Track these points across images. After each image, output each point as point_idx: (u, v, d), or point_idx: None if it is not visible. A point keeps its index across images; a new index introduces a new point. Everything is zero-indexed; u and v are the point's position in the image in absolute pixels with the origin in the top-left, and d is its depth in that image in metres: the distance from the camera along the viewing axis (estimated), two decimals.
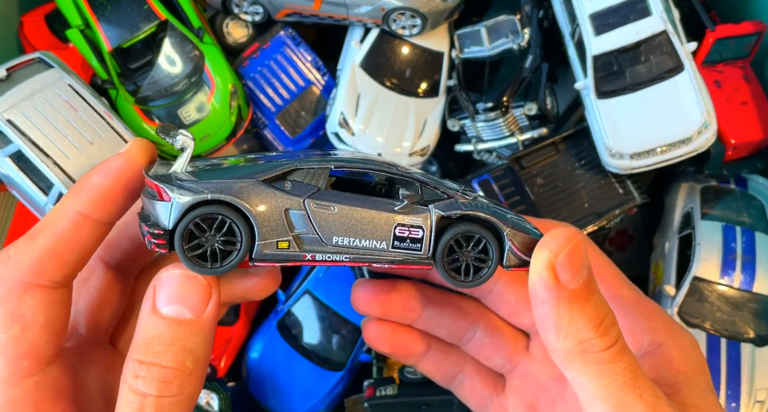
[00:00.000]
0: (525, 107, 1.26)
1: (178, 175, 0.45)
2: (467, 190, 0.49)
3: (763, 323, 1.14)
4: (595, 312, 0.41)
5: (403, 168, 0.47)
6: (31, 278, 0.45)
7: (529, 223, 0.47)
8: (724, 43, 1.23)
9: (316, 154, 0.48)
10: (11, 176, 1.11)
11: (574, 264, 0.41)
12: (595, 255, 0.52)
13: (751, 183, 1.30)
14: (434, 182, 0.46)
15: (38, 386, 0.43)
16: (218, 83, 1.27)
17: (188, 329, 0.42)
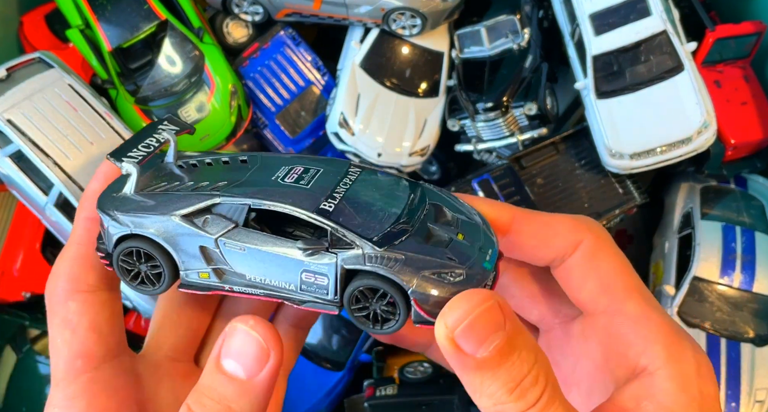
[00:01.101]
0: (525, 107, 1.26)
1: (119, 204, 0.48)
2: (398, 227, 0.45)
3: (763, 323, 1.14)
4: (509, 376, 0.38)
5: (326, 207, 0.44)
6: (69, 286, 0.48)
7: (455, 273, 0.44)
8: (724, 43, 1.23)
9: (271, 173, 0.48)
10: (11, 176, 1.12)
11: (478, 335, 0.38)
12: (606, 260, 0.46)
13: (751, 183, 1.30)
14: (343, 231, 0.43)
15: (91, 383, 0.47)
16: (218, 83, 1.27)
17: (238, 389, 0.41)
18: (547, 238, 0.48)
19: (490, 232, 0.47)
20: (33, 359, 1.22)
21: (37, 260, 1.25)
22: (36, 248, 1.25)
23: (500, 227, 0.49)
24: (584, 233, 0.47)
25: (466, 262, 0.44)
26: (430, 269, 0.43)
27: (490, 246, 0.46)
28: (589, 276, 0.46)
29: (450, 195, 0.50)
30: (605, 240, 0.47)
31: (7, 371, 1.23)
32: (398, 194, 0.48)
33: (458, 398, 1.19)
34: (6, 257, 1.23)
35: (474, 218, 0.48)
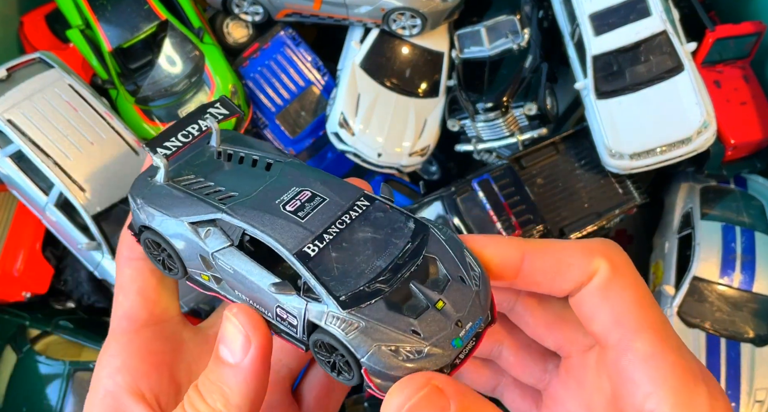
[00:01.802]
0: (525, 107, 1.26)
1: (147, 192, 0.50)
2: (374, 286, 0.43)
3: (763, 323, 1.14)
4: None
5: (307, 252, 0.43)
6: (127, 253, 0.53)
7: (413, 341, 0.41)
8: (724, 43, 1.23)
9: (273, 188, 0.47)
10: (11, 176, 1.12)
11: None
12: (620, 292, 0.43)
13: (750, 183, 1.30)
14: (314, 282, 0.42)
15: (129, 343, 0.51)
16: (218, 83, 1.27)
17: (229, 373, 0.44)
18: (561, 272, 0.45)
19: (483, 297, 0.44)
20: (33, 359, 1.22)
21: (38, 260, 1.25)
22: (36, 248, 1.25)
23: (510, 266, 0.46)
24: (599, 262, 0.44)
25: (432, 338, 0.41)
26: (388, 343, 0.41)
27: (473, 319, 0.43)
28: (602, 308, 0.43)
29: (456, 242, 0.46)
30: (622, 269, 0.44)
31: (7, 371, 1.23)
32: (394, 241, 0.44)
33: None
34: (6, 257, 1.23)
35: (471, 278, 0.44)
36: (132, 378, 0.49)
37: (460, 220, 1.19)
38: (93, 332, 1.23)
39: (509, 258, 0.46)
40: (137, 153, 1.17)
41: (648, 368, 0.41)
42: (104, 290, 1.26)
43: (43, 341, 1.25)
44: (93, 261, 1.17)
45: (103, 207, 1.11)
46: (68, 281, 1.29)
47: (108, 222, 1.13)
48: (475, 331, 0.43)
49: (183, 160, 0.52)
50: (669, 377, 0.40)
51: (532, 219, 1.17)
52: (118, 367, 0.50)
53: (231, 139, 0.53)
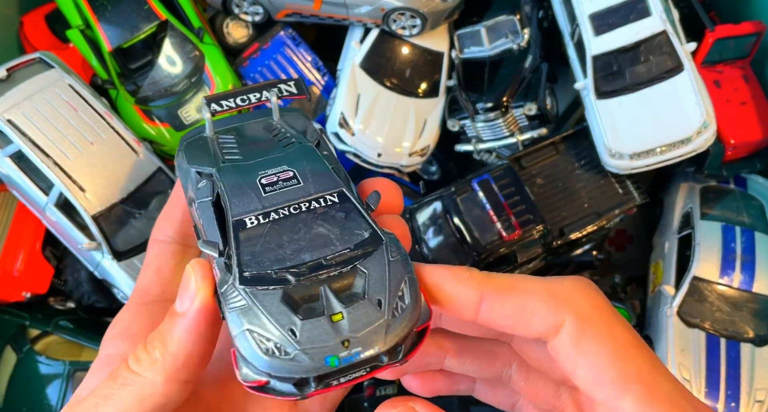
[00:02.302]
0: (525, 107, 1.26)
1: (191, 141, 0.51)
2: (281, 274, 0.41)
3: (763, 323, 1.14)
4: None
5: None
6: (154, 235, 0.54)
7: None
8: (724, 44, 1.23)
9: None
10: (11, 176, 1.12)
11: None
12: (594, 345, 0.39)
13: (750, 183, 1.30)
14: (232, 251, 0.42)
15: (136, 312, 0.51)
16: (218, 83, 1.27)
17: (171, 321, 0.43)
18: (523, 320, 0.41)
19: (393, 331, 0.39)
20: (33, 359, 1.22)
21: (38, 260, 1.25)
22: (36, 248, 1.25)
23: (467, 307, 0.42)
24: (565, 312, 0.40)
25: (306, 344, 0.38)
26: (260, 331, 0.38)
27: (366, 347, 0.38)
28: (578, 364, 0.39)
29: (401, 268, 0.41)
30: (592, 318, 0.40)
31: (7, 371, 1.23)
32: (335, 243, 0.42)
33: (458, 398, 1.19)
34: (6, 257, 1.23)
35: (391, 307, 0.40)
36: (130, 345, 0.48)
37: (460, 220, 1.19)
38: (93, 332, 1.23)
39: (466, 298, 0.42)
40: (137, 153, 1.17)
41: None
42: (104, 290, 1.27)
43: (43, 341, 1.25)
44: (93, 261, 1.17)
45: (103, 207, 1.11)
46: (68, 281, 1.29)
47: (108, 222, 1.13)
48: (363, 359, 0.39)
49: (240, 123, 0.52)
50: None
51: (532, 219, 1.17)
52: (119, 332, 0.50)
53: (292, 117, 0.52)
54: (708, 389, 1.09)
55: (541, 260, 1.24)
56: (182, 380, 0.42)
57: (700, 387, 1.09)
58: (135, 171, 1.16)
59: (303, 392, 0.38)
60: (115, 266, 1.15)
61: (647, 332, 1.23)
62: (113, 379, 0.43)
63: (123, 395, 0.42)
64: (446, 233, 1.20)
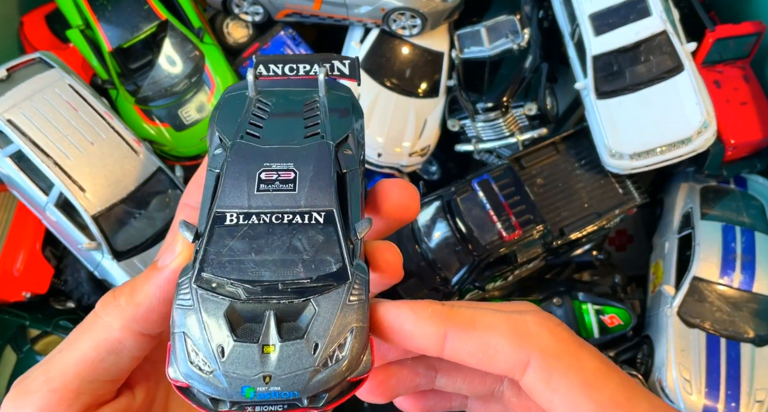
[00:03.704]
0: (525, 107, 1.26)
1: (231, 95, 0.49)
2: (236, 287, 0.40)
3: (763, 323, 1.14)
4: None
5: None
6: (183, 199, 0.50)
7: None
8: (724, 44, 1.23)
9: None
10: (11, 176, 1.12)
11: None
12: (565, 380, 0.39)
13: (750, 183, 1.30)
14: (201, 245, 0.41)
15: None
16: (218, 83, 1.27)
17: (147, 274, 0.43)
18: (488, 357, 0.40)
19: (317, 381, 0.38)
20: (33, 359, 1.22)
21: (38, 260, 1.25)
22: (36, 248, 1.25)
23: (432, 344, 0.41)
24: (529, 350, 0.40)
25: (228, 366, 0.37)
26: (193, 339, 0.38)
27: (286, 388, 0.37)
28: (552, 401, 0.39)
29: (353, 315, 0.39)
30: (558, 353, 0.40)
31: (7, 371, 1.23)
32: (299, 268, 0.40)
33: None
34: (6, 257, 1.23)
35: (326, 356, 0.38)
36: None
37: (460, 220, 1.19)
38: None
39: (430, 336, 0.41)
40: (137, 153, 1.17)
41: None
42: (104, 290, 1.26)
43: (43, 341, 1.25)
44: (93, 261, 1.17)
45: (103, 207, 1.11)
46: (68, 281, 1.29)
47: (108, 222, 1.13)
48: (279, 400, 0.38)
49: (285, 88, 0.49)
50: None
51: (532, 219, 1.17)
52: None
53: (338, 95, 0.49)
54: (708, 389, 1.09)
55: (541, 259, 1.24)
56: (138, 330, 0.42)
57: (700, 387, 1.09)
58: (135, 171, 1.16)
59: (217, 408, 0.38)
60: (115, 266, 1.15)
61: (647, 331, 1.23)
62: (80, 325, 0.43)
63: (82, 339, 0.42)
64: (446, 232, 1.20)
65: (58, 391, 0.41)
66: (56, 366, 0.43)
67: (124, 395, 0.45)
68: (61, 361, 0.43)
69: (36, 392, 0.41)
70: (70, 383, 0.42)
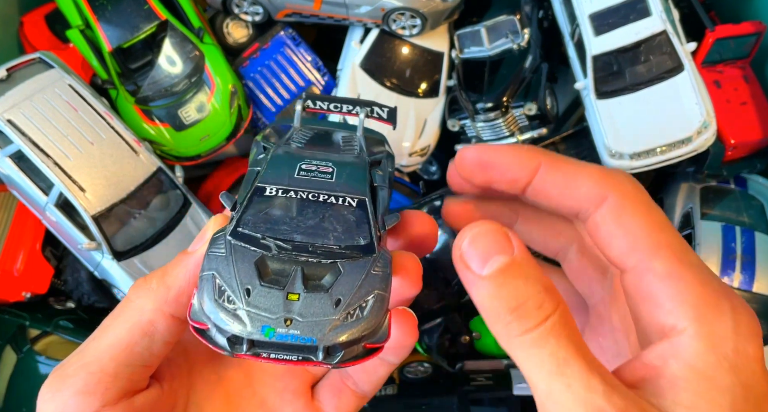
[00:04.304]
0: (525, 107, 1.26)
1: (280, 120, 0.55)
2: (269, 241, 0.42)
3: (763, 323, 1.14)
4: (512, 295, 0.39)
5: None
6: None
7: None
8: (724, 44, 1.23)
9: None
10: (11, 176, 1.12)
11: (482, 252, 0.41)
12: (633, 216, 0.43)
13: (750, 183, 1.30)
14: (238, 209, 0.44)
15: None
16: (218, 83, 1.27)
17: (178, 258, 0.45)
18: (571, 189, 0.45)
19: (334, 332, 0.39)
20: (33, 359, 1.22)
21: (38, 260, 1.25)
22: (36, 248, 1.25)
23: (524, 174, 0.46)
24: (610, 188, 0.44)
25: (253, 307, 0.39)
26: (222, 280, 0.40)
27: (304, 333, 0.39)
28: (616, 233, 0.43)
29: (378, 283, 0.41)
30: (634, 195, 0.44)
31: (7, 371, 1.23)
32: (329, 237, 0.43)
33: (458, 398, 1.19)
34: (6, 257, 1.23)
35: (347, 312, 0.40)
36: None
37: None
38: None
39: (525, 167, 0.46)
40: (137, 153, 1.17)
41: (667, 286, 0.41)
42: (104, 290, 1.26)
43: (43, 341, 1.25)
44: (93, 261, 1.17)
45: (103, 207, 1.11)
46: (68, 281, 1.29)
47: (108, 222, 1.13)
48: (297, 344, 0.39)
49: (326, 127, 0.54)
50: (689, 293, 0.40)
51: None
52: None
53: (374, 139, 0.53)
54: None
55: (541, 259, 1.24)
56: (170, 313, 0.44)
57: None
58: (135, 171, 1.16)
59: (233, 350, 0.39)
60: (115, 266, 1.15)
61: None
62: (112, 312, 0.45)
63: (116, 324, 0.44)
64: (447, 232, 1.20)
65: (96, 374, 0.42)
66: (92, 351, 0.44)
67: (154, 386, 0.46)
68: (96, 346, 0.44)
69: (73, 376, 0.42)
70: (106, 367, 0.43)
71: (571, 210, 0.46)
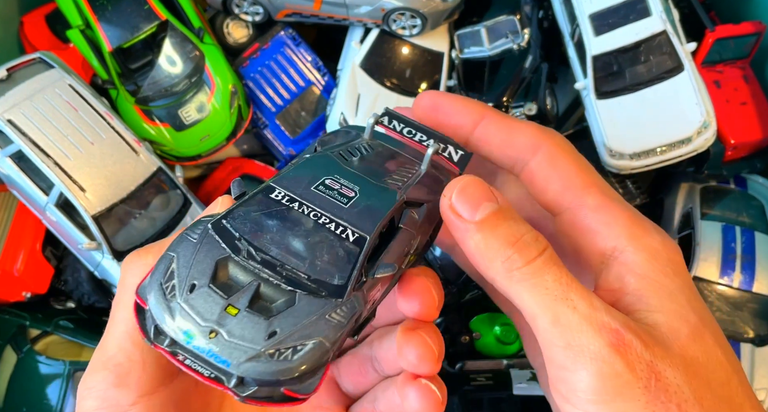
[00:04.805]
0: (525, 107, 1.26)
1: (345, 127, 0.52)
2: (243, 250, 0.40)
3: (763, 323, 1.14)
4: (508, 232, 0.42)
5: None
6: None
7: None
8: (724, 44, 1.23)
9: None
10: (12, 176, 1.12)
11: (472, 198, 0.43)
12: (565, 161, 0.48)
13: (750, 183, 1.30)
14: (238, 203, 0.42)
15: None
16: (218, 83, 1.27)
17: (178, 234, 0.46)
18: (511, 138, 0.49)
19: (252, 364, 0.36)
20: (33, 359, 1.22)
21: (38, 260, 1.25)
22: (36, 248, 1.25)
23: (470, 122, 0.51)
24: (544, 138, 0.49)
25: (186, 306, 0.37)
26: (179, 264, 0.38)
27: (222, 353, 0.35)
28: (551, 177, 0.48)
29: (330, 337, 0.37)
30: (564, 145, 0.49)
31: (7, 371, 1.23)
32: (305, 266, 0.39)
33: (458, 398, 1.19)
34: (6, 257, 1.23)
35: (278, 352, 0.36)
36: None
37: None
38: (93, 332, 1.23)
39: (471, 114, 0.50)
40: (137, 153, 1.17)
41: (601, 216, 0.46)
42: (104, 290, 1.26)
43: (43, 341, 1.24)
44: (93, 261, 1.17)
45: (103, 207, 1.11)
46: (68, 281, 1.29)
47: (108, 222, 1.13)
48: (210, 362, 0.36)
49: (396, 148, 0.50)
50: (619, 219, 0.45)
51: None
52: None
53: (438, 176, 0.50)
54: None
55: None
56: None
57: None
58: (135, 171, 1.16)
59: (155, 340, 0.37)
60: (115, 266, 1.15)
61: None
62: (115, 298, 0.46)
63: (120, 309, 0.44)
64: None
65: (124, 364, 0.42)
66: (111, 343, 0.44)
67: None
68: (113, 337, 0.44)
69: (103, 370, 0.42)
70: (132, 354, 0.43)
71: (510, 159, 0.50)
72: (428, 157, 0.47)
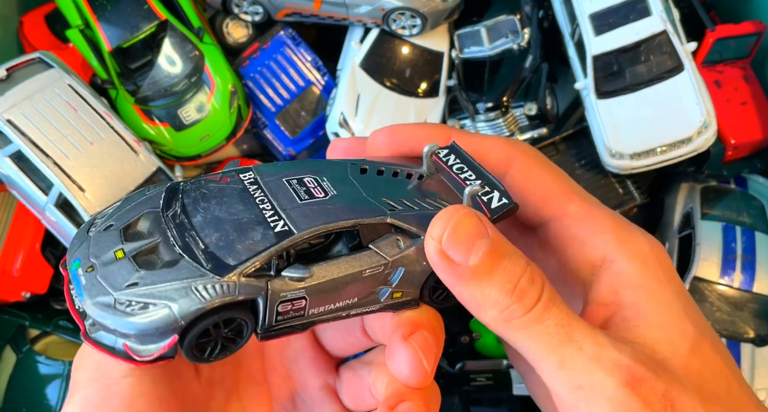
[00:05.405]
0: (525, 107, 1.26)
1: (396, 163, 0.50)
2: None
3: (763, 323, 1.14)
4: (504, 279, 0.39)
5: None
6: None
7: None
8: (724, 43, 1.23)
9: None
10: (11, 176, 1.12)
11: (464, 241, 0.39)
12: (540, 172, 0.47)
13: (751, 183, 1.30)
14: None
15: None
16: (218, 83, 1.27)
17: None
18: (482, 155, 0.48)
19: (97, 308, 0.36)
20: (33, 359, 1.22)
21: (37, 260, 1.25)
22: (36, 248, 1.25)
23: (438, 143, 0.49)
24: (515, 150, 0.48)
25: (95, 238, 0.39)
26: (112, 207, 0.42)
27: (79, 291, 0.37)
28: (528, 189, 0.47)
29: (194, 303, 0.37)
30: (535, 155, 0.48)
31: (7, 371, 1.23)
32: (215, 240, 0.39)
33: (458, 398, 1.19)
34: (6, 257, 1.23)
35: (129, 306, 0.36)
36: None
37: None
38: None
39: (438, 137, 0.49)
40: (137, 153, 1.17)
41: (586, 223, 0.45)
42: None
43: (43, 341, 1.24)
44: None
45: (102, 207, 1.11)
46: None
47: None
48: (76, 292, 0.38)
49: (445, 180, 0.48)
50: (605, 226, 0.45)
51: None
52: None
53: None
54: None
55: None
56: None
57: None
58: (135, 171, 1.15)
59: (65, 263, 0.40)
60: None
61: None
62: None
63: None
64: None
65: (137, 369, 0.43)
66: None
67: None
68: None
69: (119, 379, 0.42)
70: None
71: None
72: (465, 197, 0.43)
